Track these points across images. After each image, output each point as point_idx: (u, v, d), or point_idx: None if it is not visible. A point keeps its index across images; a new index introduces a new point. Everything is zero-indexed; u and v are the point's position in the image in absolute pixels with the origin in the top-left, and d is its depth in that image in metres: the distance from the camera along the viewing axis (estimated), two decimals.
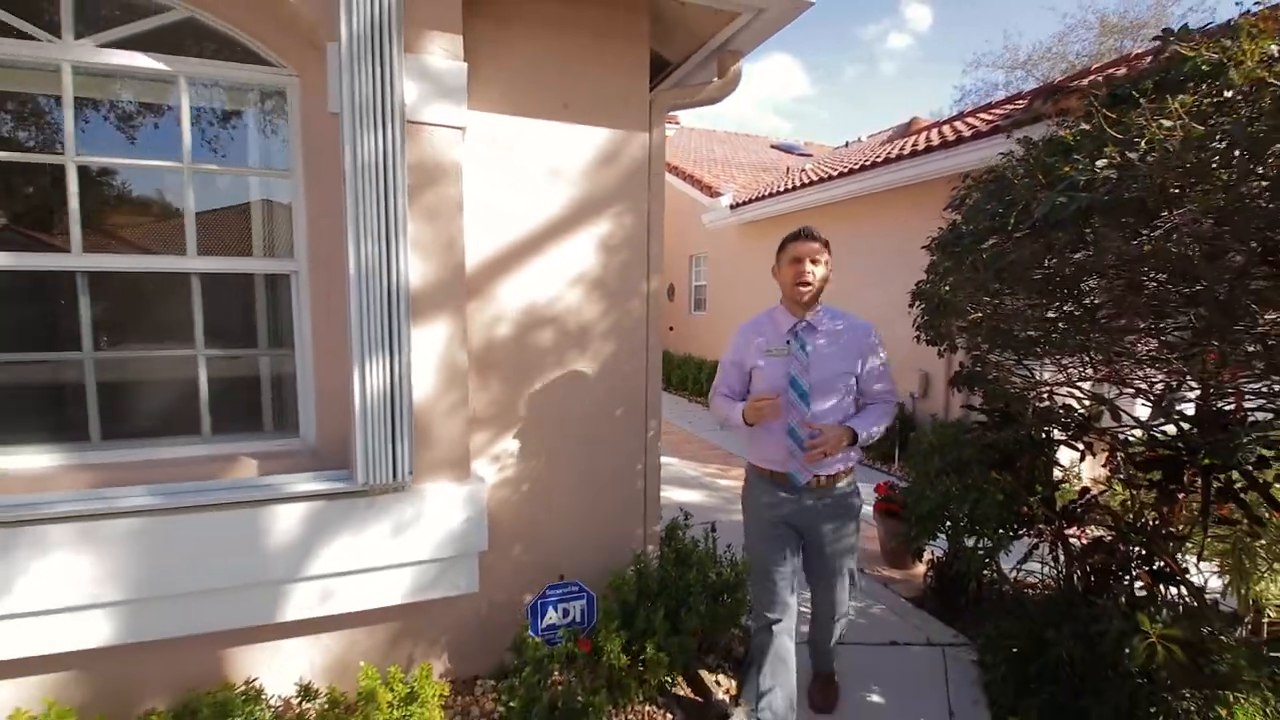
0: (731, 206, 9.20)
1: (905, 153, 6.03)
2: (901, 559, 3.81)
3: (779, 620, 2.17)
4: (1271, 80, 1.53)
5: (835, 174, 7.01)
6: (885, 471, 6.04)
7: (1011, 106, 6.97)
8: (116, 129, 2.21)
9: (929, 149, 5.69)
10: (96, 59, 2.10)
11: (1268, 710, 2.00)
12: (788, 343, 2.11)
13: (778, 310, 2.20)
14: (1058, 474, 2.84)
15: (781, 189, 8.14)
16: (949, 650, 2.97)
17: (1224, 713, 2.26)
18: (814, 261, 2.06)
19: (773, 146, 17.22)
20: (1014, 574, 3.03)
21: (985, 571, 3.07)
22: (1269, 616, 2.69)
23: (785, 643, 2.18)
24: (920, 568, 3.75)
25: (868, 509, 4.17)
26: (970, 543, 3.00)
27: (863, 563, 3.89)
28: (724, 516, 4.62)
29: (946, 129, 6.89)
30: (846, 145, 16.00)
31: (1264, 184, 1.46)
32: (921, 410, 6.39)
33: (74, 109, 2.09)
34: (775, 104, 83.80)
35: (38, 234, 2.19)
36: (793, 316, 2.14)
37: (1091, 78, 5.61)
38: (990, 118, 6.26)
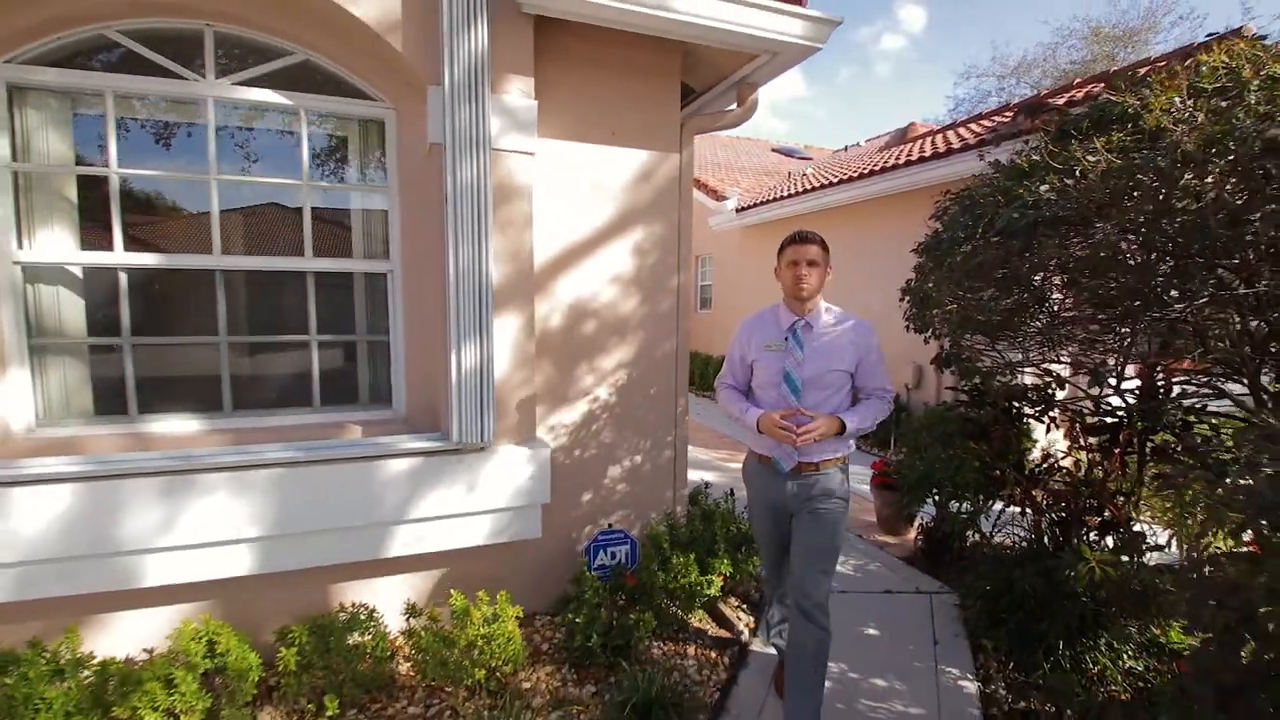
0: (736, 210, 9.69)
1: (900, 162, 6.52)
2: (895, 526, 4.29)
3: (773, 584, 2.51)
4: (1170, 126, 2.00)
5: (835, 181, 7.49)
6: (881, 455, 6.53)
7: (1000, 118, 7.46)
8: (246, 152, 2.68)
9: (921, 159, 6.18)
10: (232, 94, 2.57)
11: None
12: (785, 339, 2.20)
13: (780, 307, 2.28)
14: (1039, 448, 3.33)
15: (784, 194, 8.62)
16: (935, 597, 3.45)
17: (1158, 632, 2.76)
18: (811, 263, 2.15)
19: (773, 150, 17.70)
20: (992, 534, 3.51)
21: (967, 532, 3.55)
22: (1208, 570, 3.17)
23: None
24: (911, 533, 4.23)
25: (864, 488, 4.68)
26: (954, 507, 3.49)
27: (860, 530, 4.38)
28: (739, 490, 5.08)
29: (939, 139, 7.37)
30: (845, 149, 16.47)
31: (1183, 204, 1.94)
32: (915, 399, 6.88)
33: (215, 135, 2.56)
34: (773, 104, 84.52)
35: (181, 239, 2.66)
36: (793, 314, 2.22)
37: (1070, 94, 6.10)
38: (979, 129, 6.75)
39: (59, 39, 2.39)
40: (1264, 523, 1.24)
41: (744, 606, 3.23)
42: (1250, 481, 1.26)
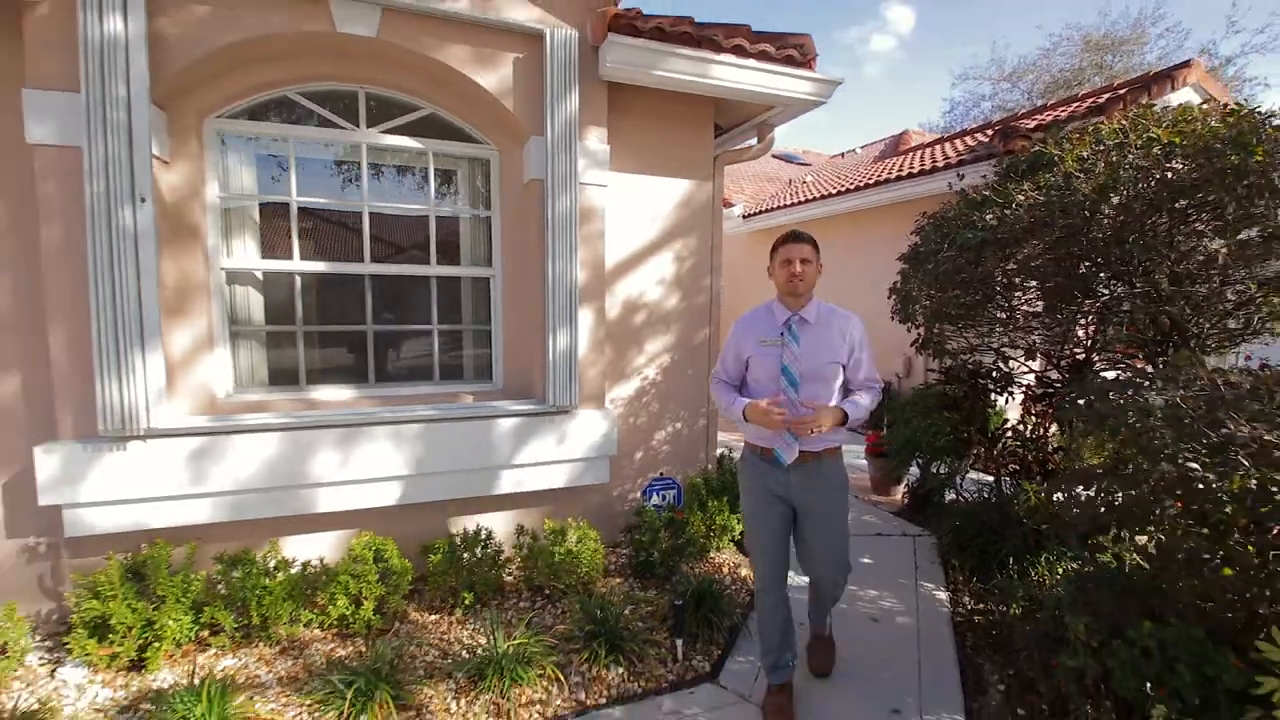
0: (743, 217, 10.50)
1: (890, 177, 7.34)
2: (886, 488, 5.11)
3: (766, 587, 2.40)
4: (1077, 174, 2.81)
5: (833, 192, 8.31)
6: (874, 432, 7.34)
7: (982, 136, 8.28)
8: (387, 181, 3.48)
9: (910, 175, 7.00)
10: (379, 140, 3.36)
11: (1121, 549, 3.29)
12: (781, 334, 2.26)
13: (774, 304, 2.33)
14: (1002, 417, 4.14)
15: (787, 202, 9.44)
16: (917, 539, 4.26)
17: (1103, 554, 3.57)
18: (804, 261, 2.20)
19: (773, 156, 18.52)
20: (961, 488, 4.32)
21: (945, 489, 4.36)
22: None
23: (774, 606, 2.40)
24: (899, 494, 5.05)
25: (861, 461, 5.47)
26: (934, 469, 4.30)
27: (857, 492, 5.18)
28: None
29: (926, 155, 8.19)
30: (843, 155, 17.29)
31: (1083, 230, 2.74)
32: (905, 386, 7.70)
33: (367, 172, 3.35)
34: None
35: (345, 250, 3.45)
36: (787, 310, 2.28)
37: (1040, 119, 6.92)
38: (961, 147, 7.57)
39: (253, 100, 3.18)
40: (1096, 427, 2.04)
41: None
42: (1094, 406, 2.07)
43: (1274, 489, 1.58)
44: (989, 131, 8.42)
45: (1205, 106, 2.86)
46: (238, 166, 3.23)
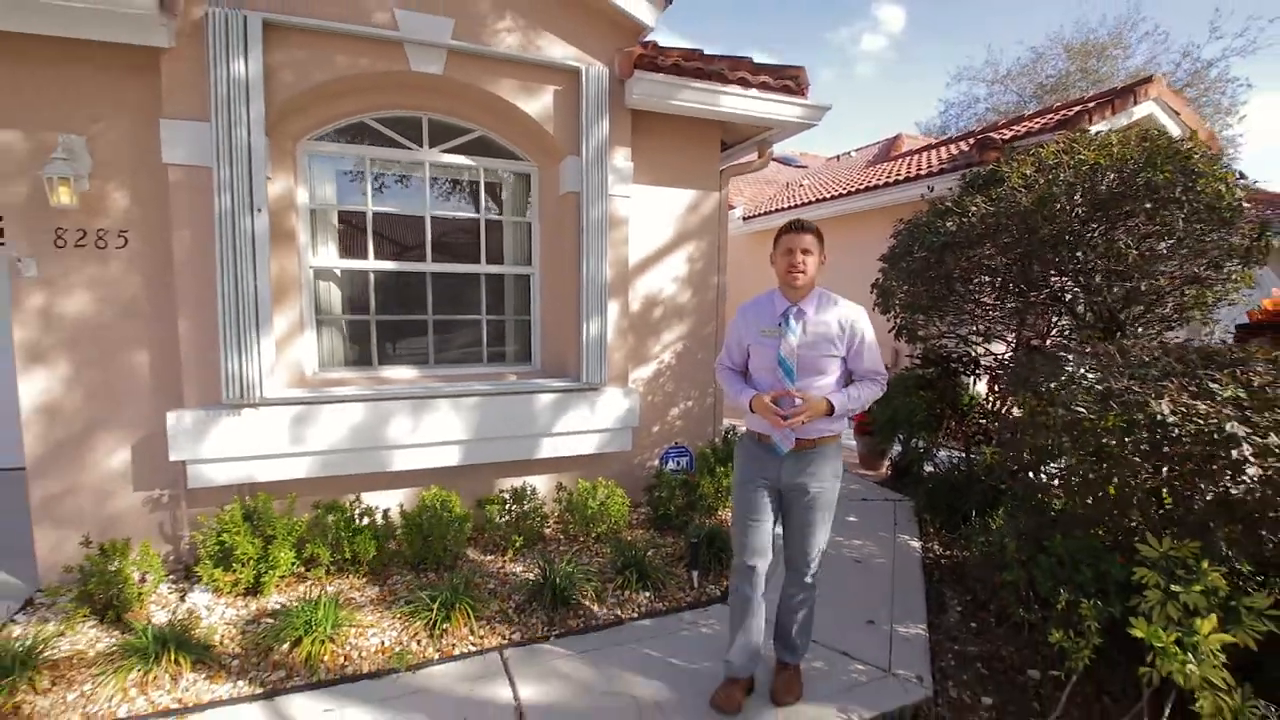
0: (744, 219, 11.13)
1: (879, 183, 7.98)
2: (872, 463, 5.73)
3: (745, 561, 2.37)
4: (1020, 189, 3.42)
5: (827, 197, 8.94)
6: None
7: (965, 144, 8.91)
8: (444, 192, 4.09)
9: (897, 181, 7.64)
10: (439, 158, 3.97)
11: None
12: (780, 324, 2.27)
13: (776, 293, 2.34)
14: (972, 396, 4.76)
15: (784, 205, 10.07)
16: (898, 503, 4.88)
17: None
18: (805, 251, 2.21)
19: (772, 159, 19.12)
20: (935, 456, 4.95)
21: (923, 461, 4.98)
22: None
23: (751, 589, 2.39)
24: (884, 468, 5.67)
25: (851, 443, 6.09)
26: (914, 444, 4.93)
27: (846, 467, 5.79)
28: None
29: (913, 162, 8.82)
30: (838, 159, 17.92)
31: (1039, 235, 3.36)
32: (893, 375, 8.34)
33: (429, 184, 3.96)
34: None
35: (409, 251, 4.06)
36: (787, 300, 2.29)
37: (1015, 129, 7.55)
38: (945, 155, 8.21)
39: (336, 125, 3.78)
40: (1019, 388, 2.66)
41: None
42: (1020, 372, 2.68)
43: (1134, 425, 2.19)
44: (970, 141, 9.06)
45: (1127, 133, 3.48)
46: (322, 180, 3.84)
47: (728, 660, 2.47)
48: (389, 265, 3.92)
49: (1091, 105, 7.13)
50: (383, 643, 2.86)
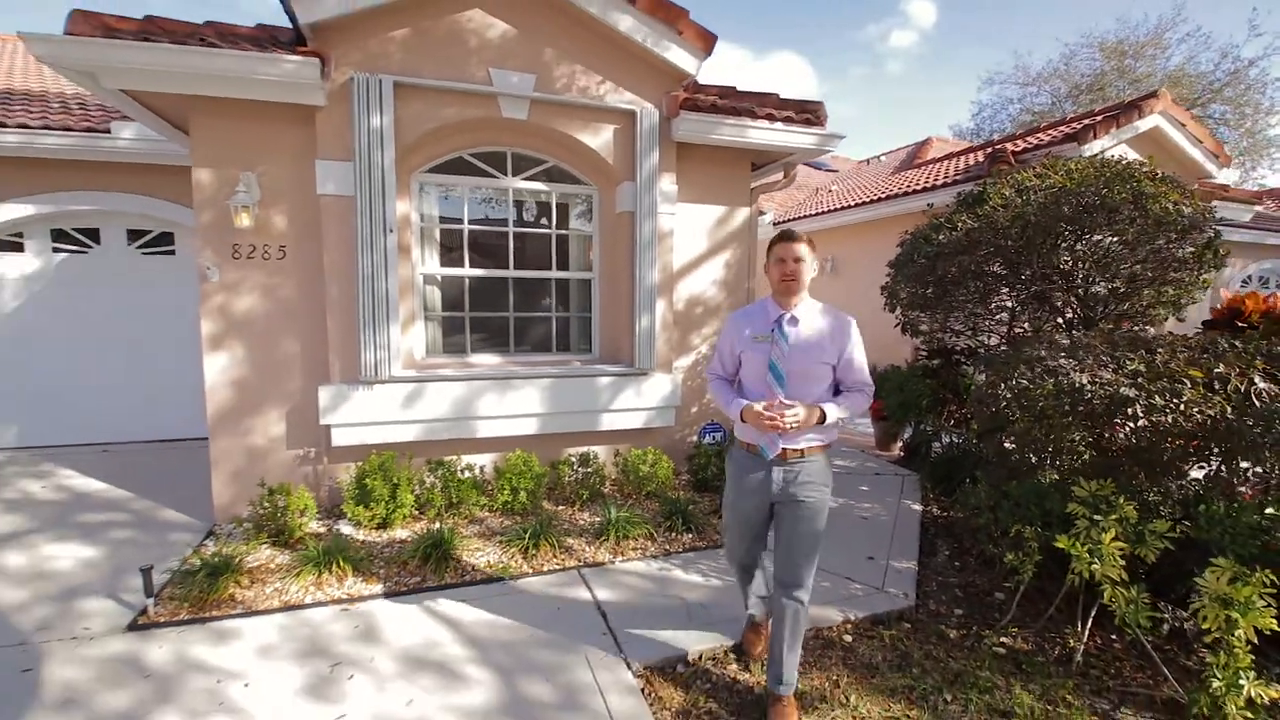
0: (774, 224, 11.85)
1: (899, 192, 8.64)
2: (886, 445, 6.43)
3: (739, 564, 2.63)
4: (1000, 207, 4.13)
5: (851, 204, 9.62)
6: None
7: (983, 154, 9.48)
8: (523, 212, 4.99)
9: (914, 191, 8.29)
10: (519, 185, 4.87)
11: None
12: (771, 332, 2.28)
13: (769, 301, 2.36)
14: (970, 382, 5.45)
15: (810, 212, 10.77)
16: (906, 477, 5.58)
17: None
18: (797, 260, 2.23)
19: (803, 163, 19.68)
20: (942, 439, 5.64)
21: (931, 443, 5.68)
22: None
23: (749, 575, 2.66)
24: (897, 449, 6.37)
25: (868, 429, 6.79)
26: (922, 427, 5.64)
27: (863, 449, 6.50)
28: None
29: (932, 170, 9.43)
30: (867, 162, 18.42)
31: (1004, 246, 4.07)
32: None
33: (513, 206, 4.87)
34: None
35: (495, 259, 4.98)
36: (780, 308, 2.31)
37: (1026, 141, 8.12)
38: (964, 165, 8.81)
39: (440, 160, 4.72)
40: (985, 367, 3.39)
41: None
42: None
43: (1062, 391, 2.91)
44: (986, 150, 9.62)
45: (1091, 159, 4.16)
46: (429, 203, 4.78)
47: (750, 614, 2.79)
48: (479, 272, 4.85)
49: (1099, 119, 7.66)
50: (489, 561, 3.76)
